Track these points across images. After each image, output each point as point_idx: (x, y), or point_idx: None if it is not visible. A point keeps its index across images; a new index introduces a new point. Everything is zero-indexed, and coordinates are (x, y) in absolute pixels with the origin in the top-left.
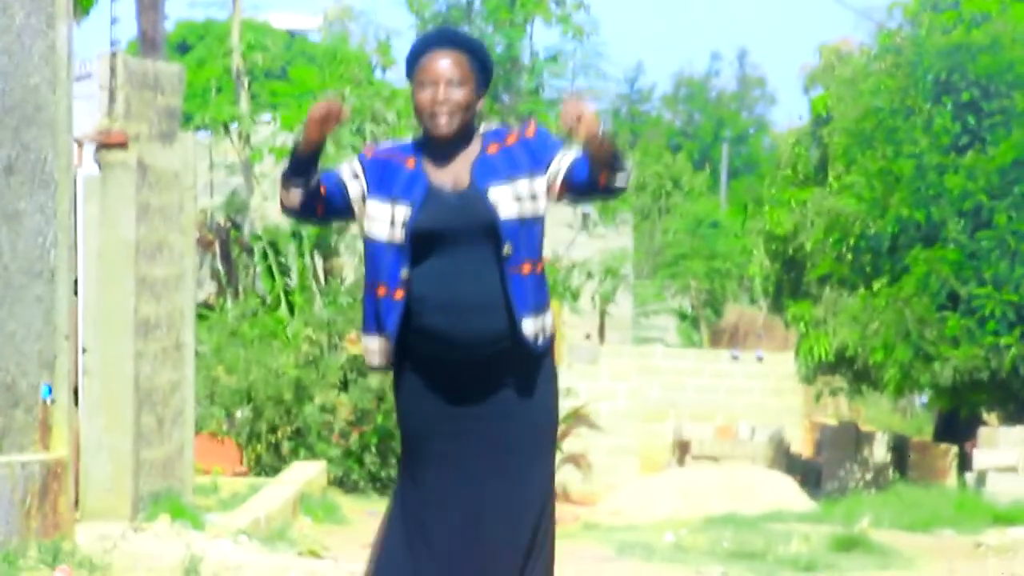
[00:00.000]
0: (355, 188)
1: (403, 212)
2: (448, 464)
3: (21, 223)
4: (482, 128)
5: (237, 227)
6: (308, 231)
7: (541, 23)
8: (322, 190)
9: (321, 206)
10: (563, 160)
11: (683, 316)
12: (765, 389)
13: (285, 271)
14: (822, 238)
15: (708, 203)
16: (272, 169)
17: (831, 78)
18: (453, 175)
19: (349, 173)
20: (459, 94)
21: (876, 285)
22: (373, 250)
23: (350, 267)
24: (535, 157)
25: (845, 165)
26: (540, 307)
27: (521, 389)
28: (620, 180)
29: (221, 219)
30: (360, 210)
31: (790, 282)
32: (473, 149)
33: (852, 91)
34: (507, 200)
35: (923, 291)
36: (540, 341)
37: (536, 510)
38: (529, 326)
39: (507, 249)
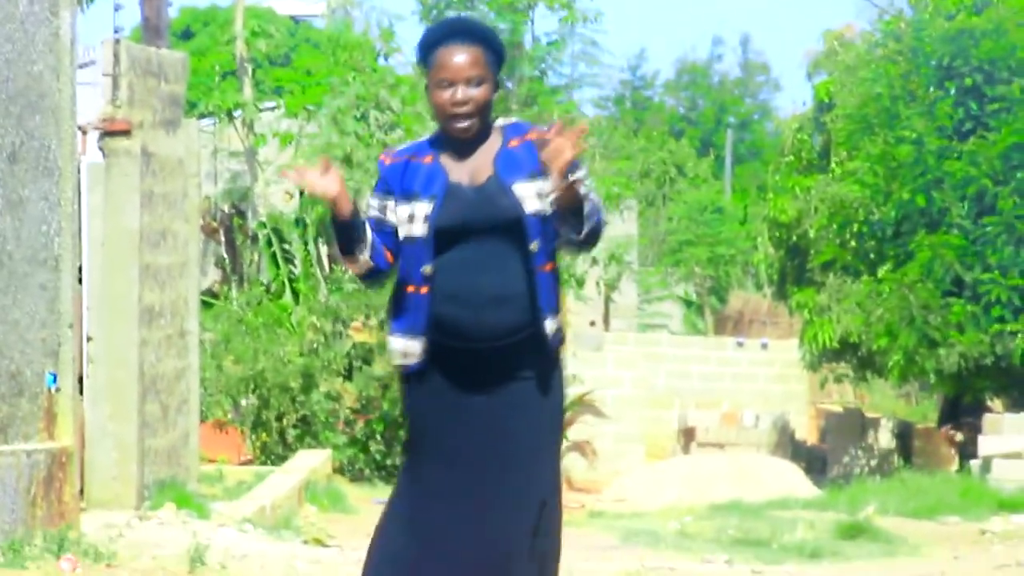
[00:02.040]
0: (390, 206)
1: (424, 208)
2: (455, 455)
3: (25, 211)
4: (499, 121)
5: (241, 214)
6: (311, 217)
7: (544, 9)
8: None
9: (389, 252)
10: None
11: (688, 303)
12: (770, 376)
13: (289, 258)
14: (826, 224)
15: (712, 189)
16: (276, 156)
17: (834, 64)
18: (474, 168)
19: (379, 203)
20: (479, 93)
21: (880, 271)
22: (400, 250)
23: None
24: None
25: (848, 151)
26: (558, 304)
27: (531, 382)
28: (579, 235)
29: (225, 207)
30: (392, 215)
31: (794, 269)
32: (493, 142)
33: (854, 77)
34: (531, 196)
35: (927, 277)
36: (557, 337)
37: (542, 501)
38: (550, 323)
39: (534, 246)
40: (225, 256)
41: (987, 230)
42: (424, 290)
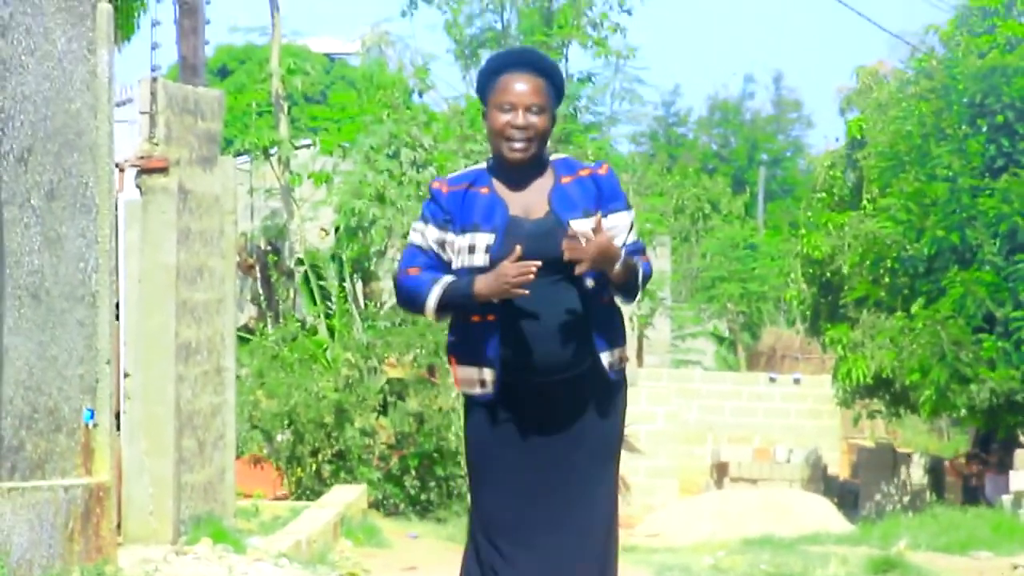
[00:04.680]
0: (448, 240)
1: (485, 239)
2: (520, 487)
3: (63, 248)
4: (550, 156)
5: (277, 251)
6: (347, 254)
7: (578, 47)
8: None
9: None
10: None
11: (720, 339)
12: (802, 411)
13: (325, 295)
14: (859, 261)
15: (745, 226)
16: (312, 193)
17: (867, 101)
18: (530, 202)
19: (438, 236)
20: (538, 121)
21: (913, 307)
22: None
23: (389, 291)
24: (602, 199)
25: (880, 188)
26: (617, 336)
27: (592, 415)
28: (625, 298)
29: (261, 243)
30: (450, 248)
31: (827, 305)
32: (547, 177)
33: (886, 115)
34: (585, 233)
35: (959, 313)
36: (616, 369)
37: (604, 533)
38: (609, 355)
39: (590, 283)
40: (261, 292)
41: (1019, 267)
42: (491, 318)
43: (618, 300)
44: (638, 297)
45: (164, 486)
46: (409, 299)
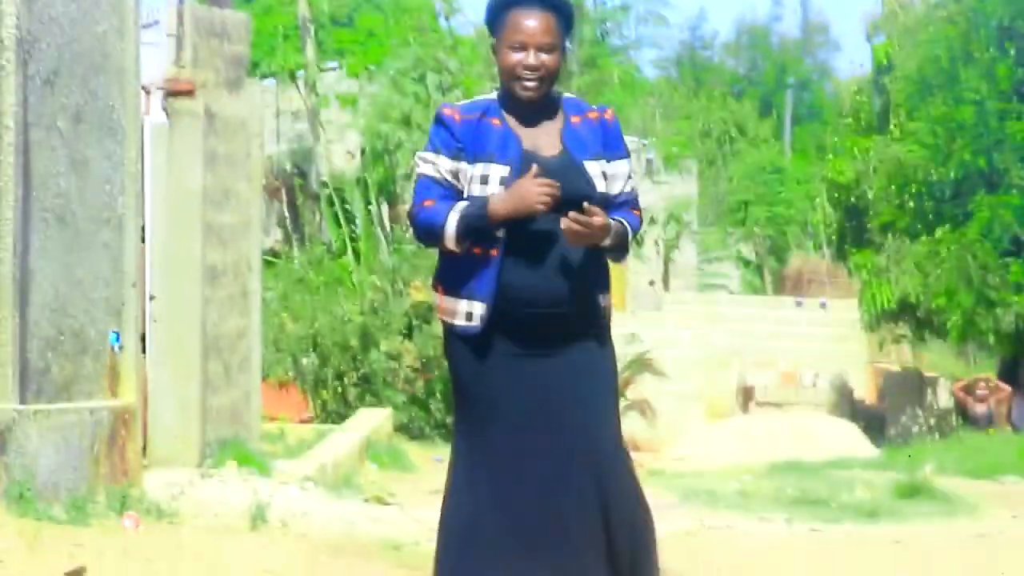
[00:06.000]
0: (462, 168)
1: (499, 171)
2: (516, 418)
3: (88, 171)
4: (560, 94)
5: (302, 174)
6: (372, 177)
7: None
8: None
9: None
10: (611, 184)
11: (747, 263)
12: (828, 336)
13: (351, 218)
14: (885, 186)
15: (772, 150)
16: (337, 116)
17: (893, 26)
18: (541, 139)
19: (451, 165)
20: (550, 60)
21: (938, 232)
22: None
23: None
24: (607, 144)
25: (907, 113)
26: (608, 282)
27: (587, 348)
28: (615, 259)
29: (287, 166)
30: (462, 177)
31: (853, 230)
32: (557, 115)
33: (913, 39)
34: (597, 175)
35: (986, 237)
36: (605, 314)
37: (612, 458)
38: (602, 298)
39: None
40: (287, 216)
41: None
42: (494, 252)
43: (608, 259)
44: (625, 258)
45: (189, 409)
46: (428, 231)
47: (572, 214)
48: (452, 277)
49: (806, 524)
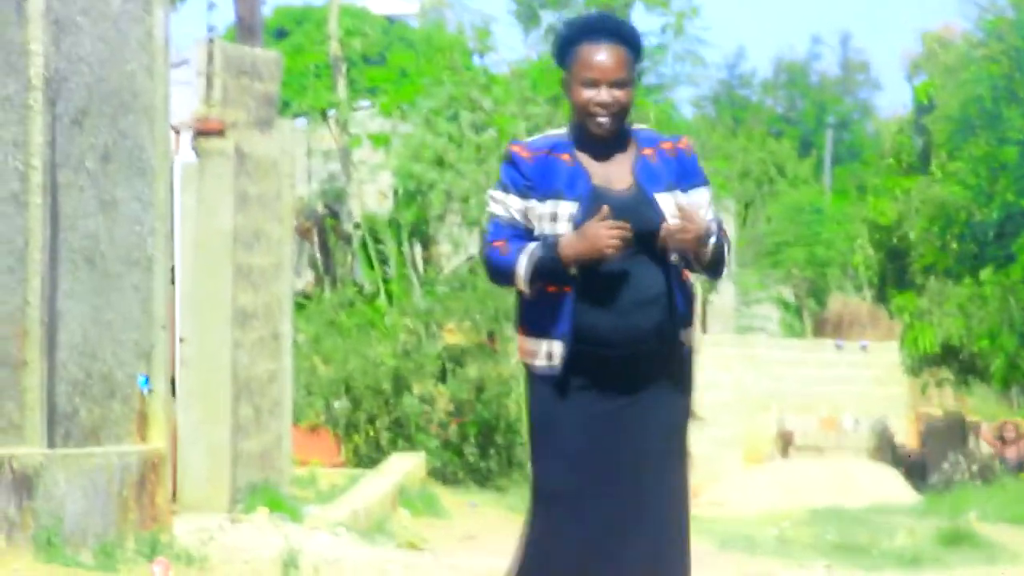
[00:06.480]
0: (531, 207)
1: (568, 208)
2: (592, 461)
3: (118, 211)
4: (631, 126)
5: (334, 215)
6: (405, 218)
7: (642, 7)
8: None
9: None
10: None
11: (786, 305)
12: (869, 379)
13: (383, 259)
14: (927, 227)
15: (811, 190)
16: (369, 155)
17: (934, 65)
18: (613, 174)
19: (521, 204)
20: (623, 95)
21: (982, 274)
22: None
23: (447, 255)
24: (683, 174)
25: (949, 153)
26: (692, 313)
27: (664, 391)
28: (711, 276)
29: (319, 207)
30: (531, 215)
31: (894, 272)
32: (629, 149)
33: (955, 78)
34: (670, 208)
35: None
36: (688, 346)
37: (677, 507)
38: (684, 333)
39: (675, 257)
40: (318, 257)
41: None
42: (568, 289)
43: (703, 277)
44: (724, 273)
45: (220, 454)
46: (498, 273)
47: (677, 204)
48: (531, 317)
49: (847, 571)
